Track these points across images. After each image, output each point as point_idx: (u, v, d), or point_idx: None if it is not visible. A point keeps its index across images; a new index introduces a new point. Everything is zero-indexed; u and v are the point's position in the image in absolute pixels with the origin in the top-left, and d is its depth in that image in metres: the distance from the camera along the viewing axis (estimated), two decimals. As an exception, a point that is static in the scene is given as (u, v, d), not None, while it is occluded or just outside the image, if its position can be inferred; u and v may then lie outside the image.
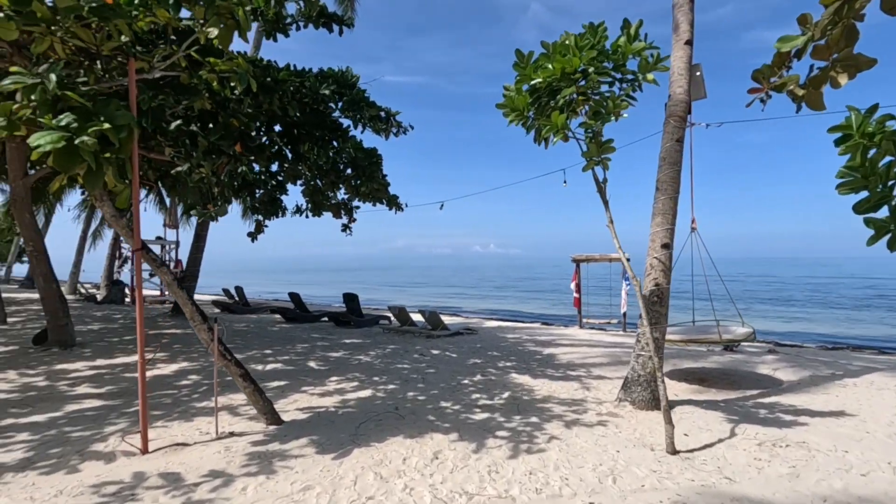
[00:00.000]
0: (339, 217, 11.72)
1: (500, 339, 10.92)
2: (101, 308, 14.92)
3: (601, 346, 10.33)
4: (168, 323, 11.48)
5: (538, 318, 20.12)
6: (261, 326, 11.69)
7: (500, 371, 7.16)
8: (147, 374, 5.89)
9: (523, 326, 14.90)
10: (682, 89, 5.85)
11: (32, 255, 7.54)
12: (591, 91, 3.78)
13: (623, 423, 4.66)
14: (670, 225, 5.60)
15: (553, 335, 12.19)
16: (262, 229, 10.99)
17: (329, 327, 12.16)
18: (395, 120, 9.50)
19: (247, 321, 12.81)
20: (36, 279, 7.65)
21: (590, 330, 14.43)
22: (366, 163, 8.16)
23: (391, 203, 11.47)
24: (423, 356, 8.20)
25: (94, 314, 13.02)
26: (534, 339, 11.09)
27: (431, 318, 11.23)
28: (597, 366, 8.03)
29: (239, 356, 7.60)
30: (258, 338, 9.77)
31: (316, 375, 6.33)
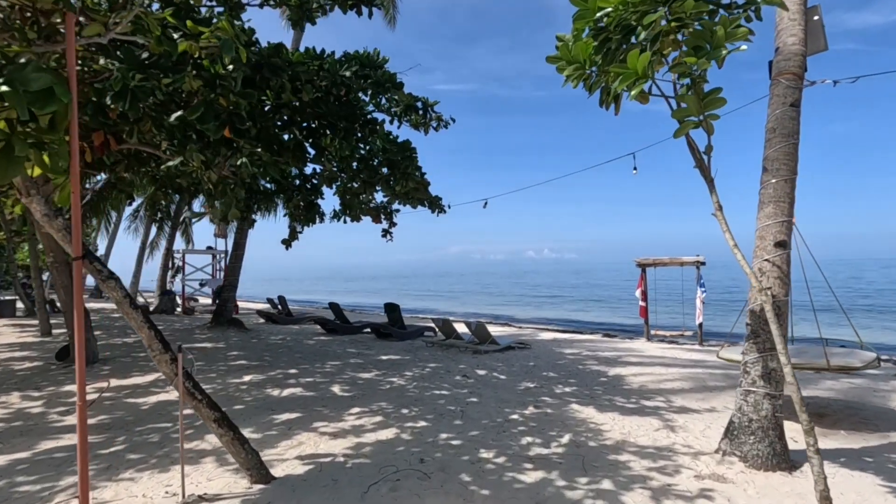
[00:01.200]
0: (379, 221, 10.88)
1: (556, 356, 9.58)
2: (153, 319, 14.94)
3: (677, 364, 8.75)
4: (203, 335, 11.07)
5: (598, 328, 18.40)
6: (298, 339, 11.02)
7: (557, 400, 5.90)
8: (149, 400, 5.29)
9: (582, 339, 13.40)
10: (796, 38, 4.42)
11: (53, 266, 7.18)
12: (688, 15, 2.55)
13: (737, 493, 3.30)
14: (786, 216, 4.17)
15: (618, 350, 10.67)
16: (296, 236, 10.31)
17: (369, 340, 11.32)
18: (434, 112, 8.50)
19: (286, 332, 12.23)
20: (57, 291, 7.28)
21: (659, 344, 12.71)
22: (398, 157, 7.20)
23: (433, 205, 10.48)
24: (466, 378, 7.08)
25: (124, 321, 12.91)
26: (596, 356, 9.66)
27: (479, 331, 10.07)
28: (677, 392, 6.57)
29: (260, 376, 6.82)
30: (289, 353, 9.03)
31: (336, 405, 5.37)
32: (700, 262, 12.83)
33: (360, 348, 9.96)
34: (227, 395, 5.75)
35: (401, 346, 10.62)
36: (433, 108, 8.40)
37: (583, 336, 14.34)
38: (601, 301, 35.63)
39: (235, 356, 8.44)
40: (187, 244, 21.90)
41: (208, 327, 11.68)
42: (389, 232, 11.35)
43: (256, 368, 7.41)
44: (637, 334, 15.74)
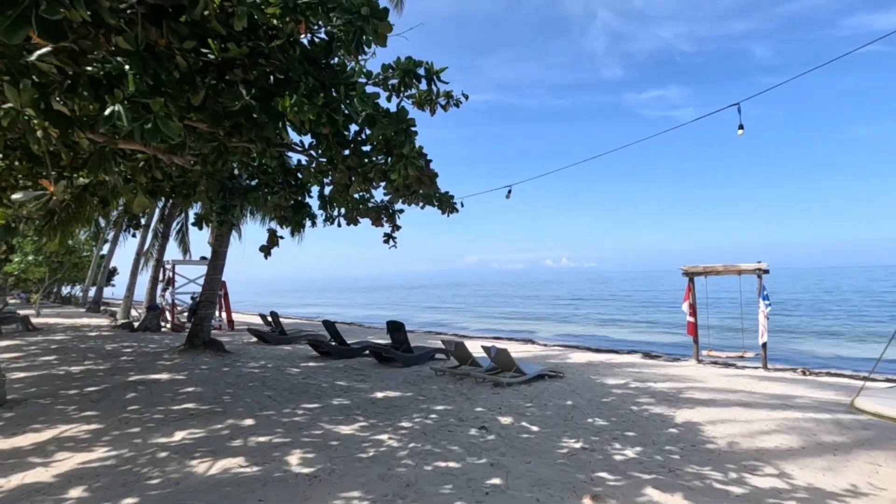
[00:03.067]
0: (380, 224, 9.04)
1: (598, 389, 7.57)
2: (128, 338, 13.32)
3: (761, 403, 6.67)
4: (168, 362, 9.29)
5: (634, 347, 16.23)
6: (280, 366, 9.20)
7: (621, 478, 3.92)
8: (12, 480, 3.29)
9: (621, 361, 11.30)
10: None
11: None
12: None
13: None
14: None
15: (671, 378, 8.60)
16: (276, 242, 8.53)
17: (368, 365, 9.45)
18: (441, 81, 6.64)
19: (271, 356, 10.43)
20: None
21: (715, 367, 10.57)
22: (391, 131, 5.37)
23: (443, 203, 8.63)
24: (485, 433, 5.14)
25: (103, 348, 11.26)
26: (648, 388, 7.62)
27: (500, 358, 8.11)
28: (787, 456, 4.57)
29: (198, 432, 4.91)
30: (259, 390, 7.19)
31: (280, 498, 3.49)
32: (762, 269, 10.68)
33: (353, 379, 8.08)
34: (128, 471, 3.92)
35: (404, 374, 8.72)
36: (440, 77, 6.53)
37: (620, 357, 12.22)
38: (630, 313, 33.21)
39: (187, 395, 6.64)
40: (185, 254, 20.42)
41: (180, 350, 9.96)
42: (392, 237, 9.50)
43: (201, 418, 5.58)
44: (682, 354, 13.57)
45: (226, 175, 8.80)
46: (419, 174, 6.90)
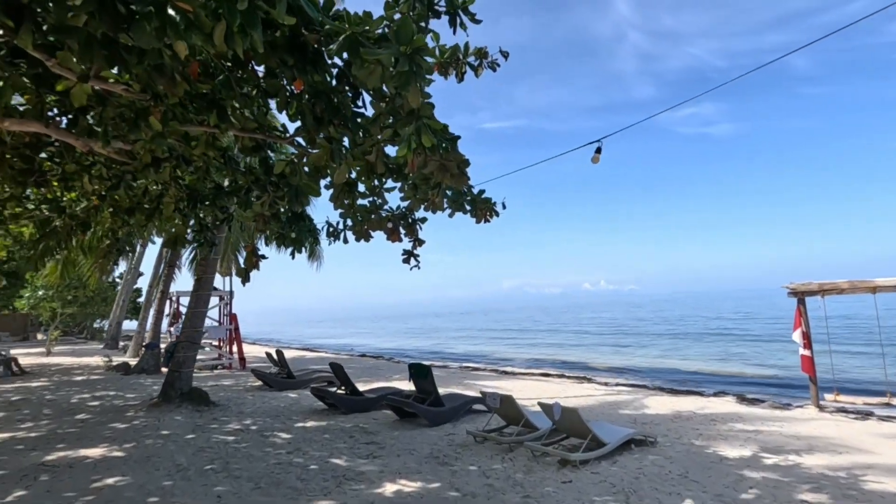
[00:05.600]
0: (397, 238, 6.87)
1: (716, 468, 4.96)
2: (111, 384, 11.45)
3: None
4: (125, 423, 7.21)
5: (714, 383, 13.22)
6: (270, 428, 6.99)
7: None
8: None
9: (715, 410, 8.52)
10: None
11: None
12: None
13: None
14: None
15: (811, 441, 5.88)
16: (255, 264, 6.43)
17: (384, 424, 7.12)
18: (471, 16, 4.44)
19: (265, 410, 8.24)
20: None
21: (846, 417, 7.69)
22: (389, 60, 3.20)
23: (478, 207, 6.41)
24: None
25: (66, 401, 9.33)
26: (794, 466, 4.95)
27: (567, 422, 5.61)
28: None
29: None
30: (217, 477, 4.96)
31: None
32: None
33: (358, 453, 5.75)
34: None
35: (431, 439, 6.34)
36: (468, 11, 4.30)
37: (711, 403, 9.39)
38: (691, 340, 29.64)
39: (97, 493, 4.46)
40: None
41: (151, 405, 7.91)
42: (414, 254, 7.31)
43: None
44: (792, 397, 10.60)
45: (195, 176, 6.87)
46: (442, 160, 4.70)
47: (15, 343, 26.97)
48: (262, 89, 4.83)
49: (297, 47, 3.44)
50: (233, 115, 4.98)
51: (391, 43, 3.15)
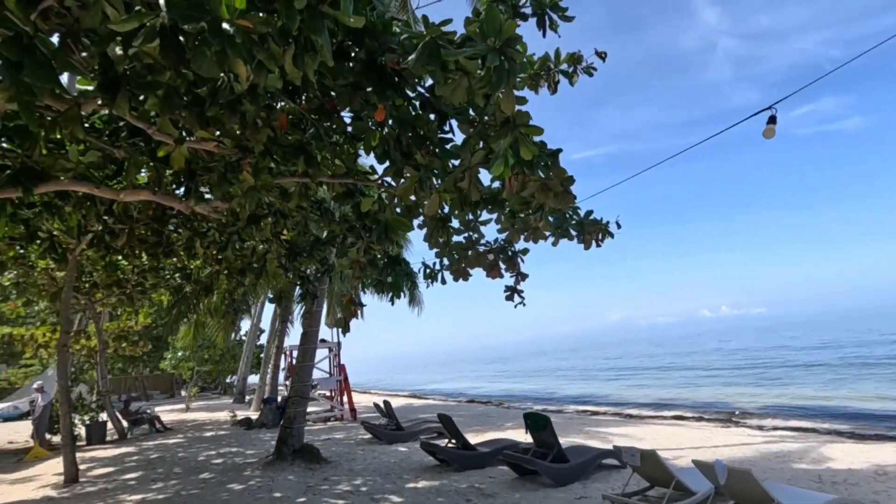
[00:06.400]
0: (498, 274, 6.36)
1: None
2: (235, 440, 11.93)
3: None
4: (241, 484, 7.21)
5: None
6: (380, 488, 6.54)
7: None
8: None
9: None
10: None
11: None
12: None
13: None
14: None
15: None
16: (355, 312, 6.19)
17: (502, 484, 6.33)
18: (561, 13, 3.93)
19: (375, 467, 7.85)
20: None
21: None
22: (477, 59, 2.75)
23: (588, 230, 5.73)
24: None
25: (194, 459, 9.72)
26: None
27: (738, 486, 4.41)
28: None
29: None
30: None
31: None
32: None
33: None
34: None
35: (559, 502, 5.43)
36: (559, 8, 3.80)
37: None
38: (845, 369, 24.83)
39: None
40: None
41: (266, 463, 7.92)
42: (518, 290, 6.72)
43: None
44: None
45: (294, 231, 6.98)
46: (542, 179, 4.13)
47: (164, 399, 30.21)
48: (349, 135, 4.69)
49: (375, 72, 3.14)
50: (322, 164, 4.88)
51: (476, 43, 2.71)
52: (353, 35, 3.05)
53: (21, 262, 8.95)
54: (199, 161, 4.62)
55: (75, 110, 3.55)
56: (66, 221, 6.20)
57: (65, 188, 4.59)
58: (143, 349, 17.08)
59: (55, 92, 3.43)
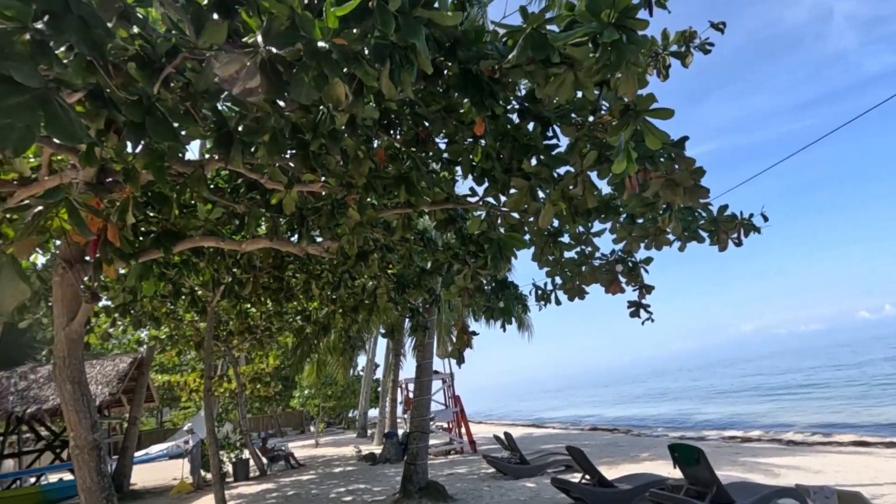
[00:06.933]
0: (618, 289, 5.79)
1: None
2: (361, 476, 12.13)
3: None
4: None
5: None
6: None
7: None
8: None
9: None
10: None
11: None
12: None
13: None
14: None
15: None
16: (468, 342, 5.94)
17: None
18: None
19: (507, 503, 7.38)
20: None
21: None
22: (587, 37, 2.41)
23: (729, 229, 5.01)
24: None
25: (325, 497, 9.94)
26: None
27: None
28: None
29: None
30: None
31: None
32: None
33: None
34: None
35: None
36: None
37: None
38: None
39: None
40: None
41: (395, 500, 7.83)
42: (644, 306, 6.04)
43: None
44: None
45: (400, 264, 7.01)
46: (667, 175, 3.63)
47: (296, 436, 32.39)
48: (445, 160, 4.58)
49: (471, 83, 2.94)
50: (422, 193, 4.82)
51: (582, 25, 2.38)
52: (446, 49, 2.90)
53: (172, 317, 10.11)
54: (307, 205, 4.80)
55: (200, 172, 3.81)
56: (201, 276, 6.80)
57: (197, 244, 4.99)
58: (274, 389, 18.45)
59: (180, 157, 3.73)
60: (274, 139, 2.79)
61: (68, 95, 2.40)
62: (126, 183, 3.27)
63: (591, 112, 3.67)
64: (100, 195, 3.33)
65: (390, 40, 2.00)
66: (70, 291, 4.14)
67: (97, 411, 14.60)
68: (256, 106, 2.97)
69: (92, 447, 4.19)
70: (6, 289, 1.62)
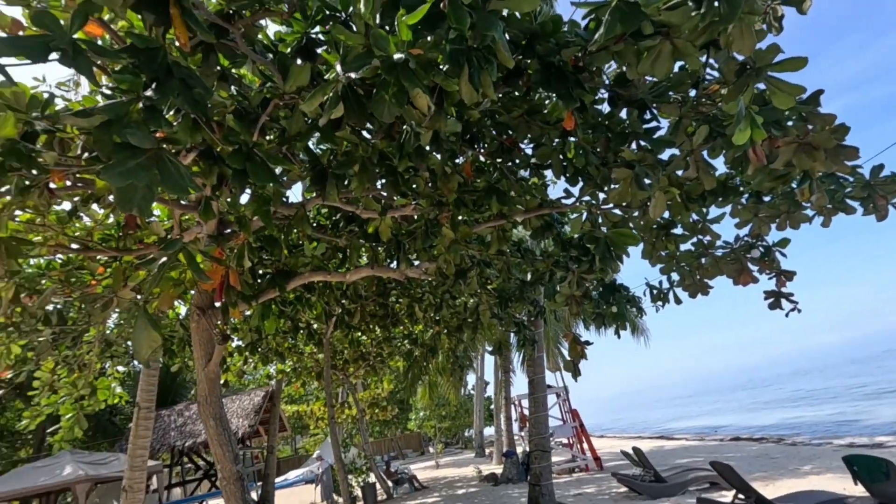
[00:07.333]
0: (749, 279, 5.14)
1: None
2: (484, 498, 11.90)
3: None
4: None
5: None
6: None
7: None
8: None
9: None
10: None
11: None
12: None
13: None
14: None
15: None
16: (581, 352, 5.57)
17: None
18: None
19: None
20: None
21: None
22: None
23: (887, 191, 4.24)
24: None
25: None
26: None
27: None
28: None
29: None
30: None
31: None
32: None
33: None
34: None
35: None
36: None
37: None
38: None
39: None
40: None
41: None
42: (785, 295, 5.29)
43: None
44: None
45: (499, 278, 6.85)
46: (799, 139, 3.18)
47: (416, 457, 33.12)
48: (534, 165, 4.40)
49: (554, 76, 2.75)
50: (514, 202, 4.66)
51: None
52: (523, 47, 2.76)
53: (294, 351, 10.88)
54: (402, 230, 4.88)
55: (302, 212, 4.02)
56: (314, 310, 7.20)
57: (307, 280, 5.28)
58: (391, 412, 19.03)
59: (284, 200, 3.96)
60: (364, 168, 2.84)
61: (183, 157, 2.65)
62: (240, 230, 3.53)
63: (693, 85, 3.30)
64: (220, 245, 3.62)
65: (466, 43, 1.91)
66: (205, 335, 4.57)
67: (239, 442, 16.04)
68: (344, 139, 3.06)
69: (236, 478, 4.52)
70: (141, 338, 1.75)
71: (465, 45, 1.94)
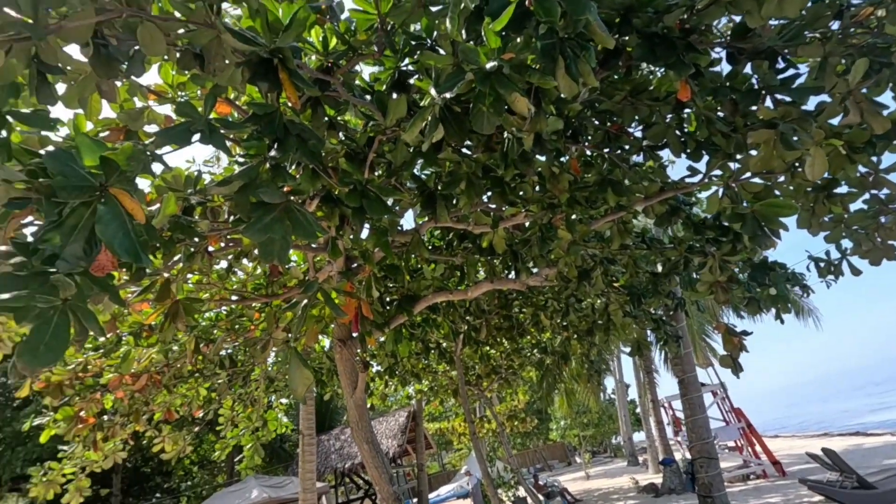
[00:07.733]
0: None
1: None
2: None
3: None
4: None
5: None
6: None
7: None
8: None
9: None
10: None
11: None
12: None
13: None
14: None
15: None
16: (739, 344, 4.89)
17: None
18: None
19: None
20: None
21: None
22: None
23: None
24: None
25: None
26: None
27: None
28: None
29: None
30: None
31: None
32: None
33: None
34: None
35: None
36: None
37: None
38: None
39: None
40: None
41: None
42: None
43: None
44: None
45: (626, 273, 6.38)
46: None
47: (563, 468, 32.02)
48: (647, 147, 4.06)
49: (660, 45, 2.51)
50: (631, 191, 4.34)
51: None
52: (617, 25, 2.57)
53: (428, 370, 11.27)
54: (516, 239, 4.80)
55: (417, 237, 4.15)
56: (441, 329, 7.39)
57: (431, 302, 5.43)
58: (531, 424, 18.69)
59: (399, 229, 4.14)
60: (469, 184, 2.83)
61: (308, 204, 2.89)
62: (365, 263, 3.74)
63: (835, 15, 2.81)
64: (350, 279, 3.88)
65: (556, 35, 1.81)
66: (349, 365, 4.90)
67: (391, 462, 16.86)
68: (446, 159, 3.10)
69: (394, 498, 4.73)
70: (296, 377, 1.91)
71: (556, 38, 1.84)
